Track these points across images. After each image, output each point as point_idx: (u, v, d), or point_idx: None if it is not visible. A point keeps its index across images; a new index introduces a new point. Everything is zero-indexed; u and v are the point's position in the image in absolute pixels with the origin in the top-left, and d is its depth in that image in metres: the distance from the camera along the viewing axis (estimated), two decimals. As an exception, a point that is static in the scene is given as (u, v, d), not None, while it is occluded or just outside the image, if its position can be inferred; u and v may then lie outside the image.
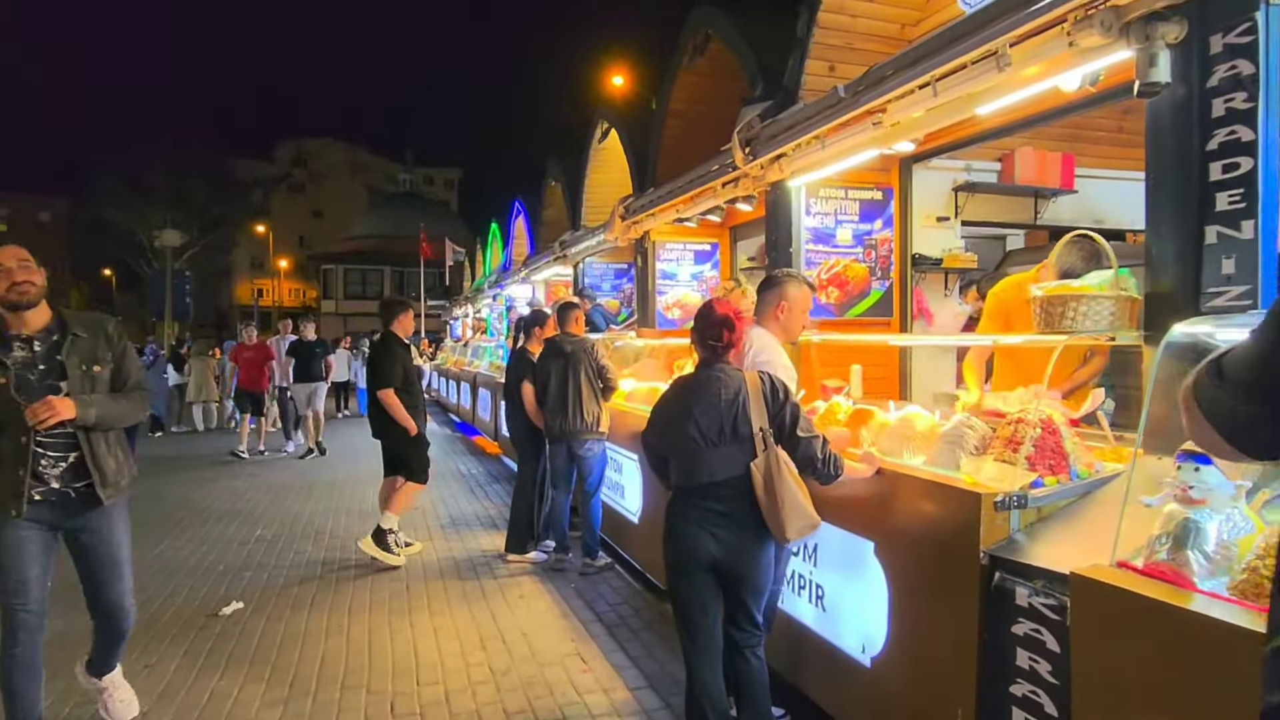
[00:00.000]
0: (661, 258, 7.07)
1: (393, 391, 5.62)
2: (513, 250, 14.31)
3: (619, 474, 5.64)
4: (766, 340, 3.18)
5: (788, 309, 3.29)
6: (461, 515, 7.19)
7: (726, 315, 2.77)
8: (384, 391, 5.62)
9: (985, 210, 5.14)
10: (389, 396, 5.62)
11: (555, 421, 5.34)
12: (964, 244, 4.89)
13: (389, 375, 5.65)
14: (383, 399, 5.62)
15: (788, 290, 3.30)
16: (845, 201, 4.72)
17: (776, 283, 3.32)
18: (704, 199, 5.55)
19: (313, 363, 10.89)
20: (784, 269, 3.40)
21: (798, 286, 3.32)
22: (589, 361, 5.31)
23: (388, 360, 5.71)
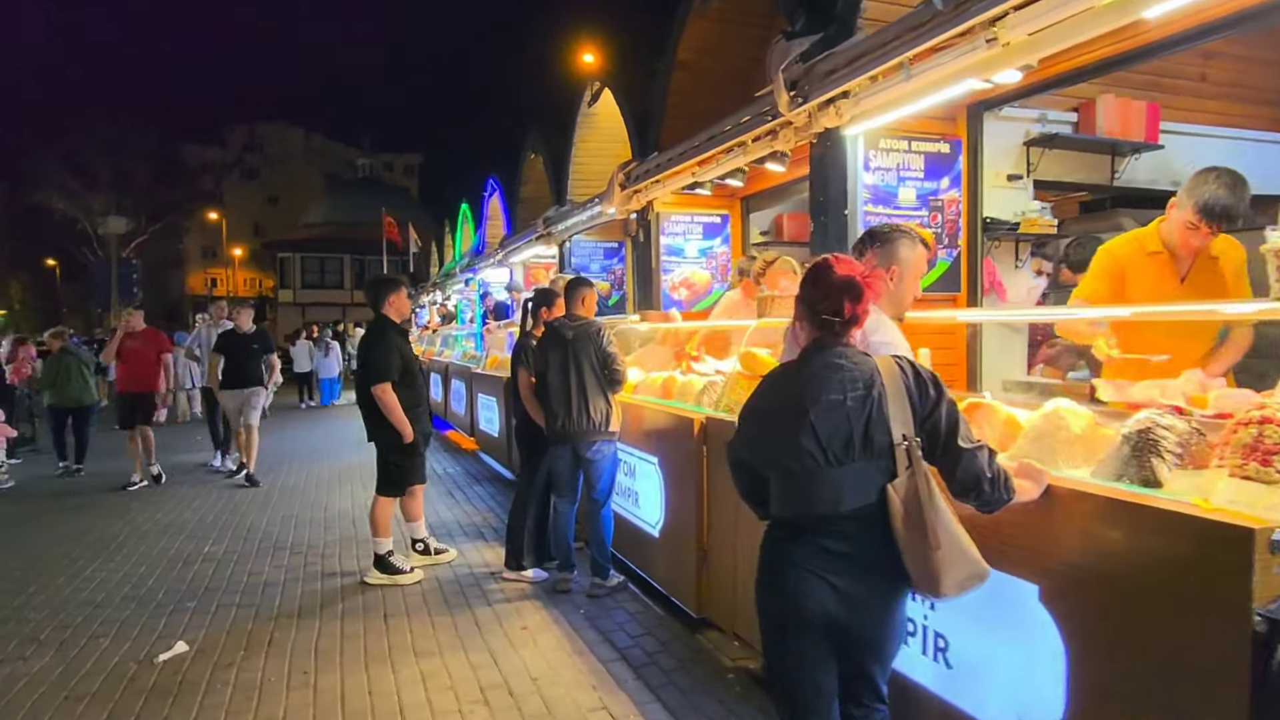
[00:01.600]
0: (666, 231, 6.29)
1: (390, 387, 4.78)
2: (486, 231, 13.39)
3: (631, 478, 4.86)
4: (877, 316, 2.41)
5: (899, 275, 2.51)
6: (442, 524, 6.35)
7: (850, 278, 1.99)
8: (380, 387, 4.79)
9: (1057, 168, 4.45)
10: (386, 393, 4.78)
11: (557, 420, 4.54)
12: (1041, 207, 4.18)
13: (384, 367, 4.82)
14: (378, 396, 4.79)
15: (899, 250, 2.52)
16: (908, 155, 3.99)
17: (884, 239, 2.53)
18: (728, 159, 4.77)
19: (248, 362, 8.21)
20: (890, 224, 2.62)
21: (911, 245, 2.55)
22: (594, 349, 4.50)
23: (381, 349, 4.86)
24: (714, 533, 3.93)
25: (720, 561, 3.87)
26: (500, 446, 8.59)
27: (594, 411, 4.49)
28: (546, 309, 4.99)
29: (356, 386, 5.03)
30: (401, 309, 5.12)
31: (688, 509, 4.08)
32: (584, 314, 4.68)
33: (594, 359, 4.50)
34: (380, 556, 4.93)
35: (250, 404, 8.19)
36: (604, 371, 4.51)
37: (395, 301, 5.05)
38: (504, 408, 8.31)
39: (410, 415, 4.89)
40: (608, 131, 8.40)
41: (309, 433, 13.09)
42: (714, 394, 4.41)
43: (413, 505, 5.27)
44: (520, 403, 4.86)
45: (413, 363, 5.07)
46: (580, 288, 4.72)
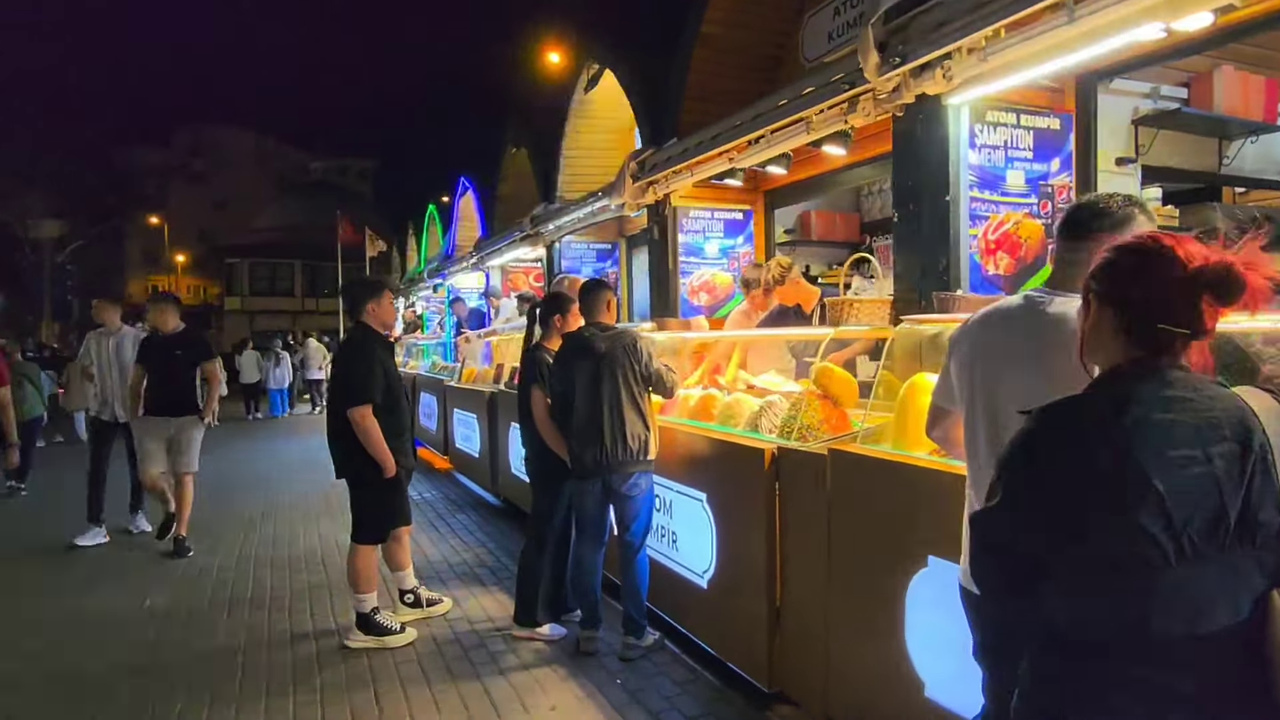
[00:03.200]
0: (685, 228, 5.57)
1: (371, 411, 3.97)
2: (457, 234, 12.52)
3: (666, 516, 4.11)
4: None
5: None
6: (428, 564, 5.51)
7: (1222, 268, 1.27)
8: (359, 410, 3.95)
9: (1160, 152, 3.85)
10: (366, 419, 3.96)
11: (586, 450, 3.77)
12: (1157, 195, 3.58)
13: (364, 386, 3.99)
14: (356, 422, 3.96)
15: (1137, 228, 1.83)
16: (1016, 131, 3.34)
17: (1115, 218, 1.83)
18: (780, 139, 4.07)
19: (175, 378, 5.81)
20: (1120, 195, 1.92)
21: (1150, 221, 1.86)
22: (632, 364, 3.76)
23: (361, 364, 4.04)
24: (791, 587, 3.20)
25: (801, 623, 3.15)
26: (482, 468, 7.77)
27: (631, 438, 3.73)
28: (560, 316, 4.22)
29: (328, 408, 4.18)
30: (385, 316, 4.29)
31: (753, 557, 3.35)
32: (609, 320, 3.94)
33: (634, 375, 3.75)
34: (364, 616, 4.09)
35: (181, 440, 5.86)
36: (651, 389, 3.79)
37: (378, 307, 4.23)
38: (486, 426, 7.51)
39: (393, 446, 4.06)
40: (605, 122, 7.67)
41: (262, 451, 12.04)
42: (773, 416, 3.69)
43: (398, 551, 4.44)
44: (534, 429, 4.07)
45: (398, 383, 4.24)
46: (602, 291, 3.97)
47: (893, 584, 2.63)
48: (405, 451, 4.21)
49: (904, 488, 2.60)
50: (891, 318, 3.54)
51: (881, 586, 2.68)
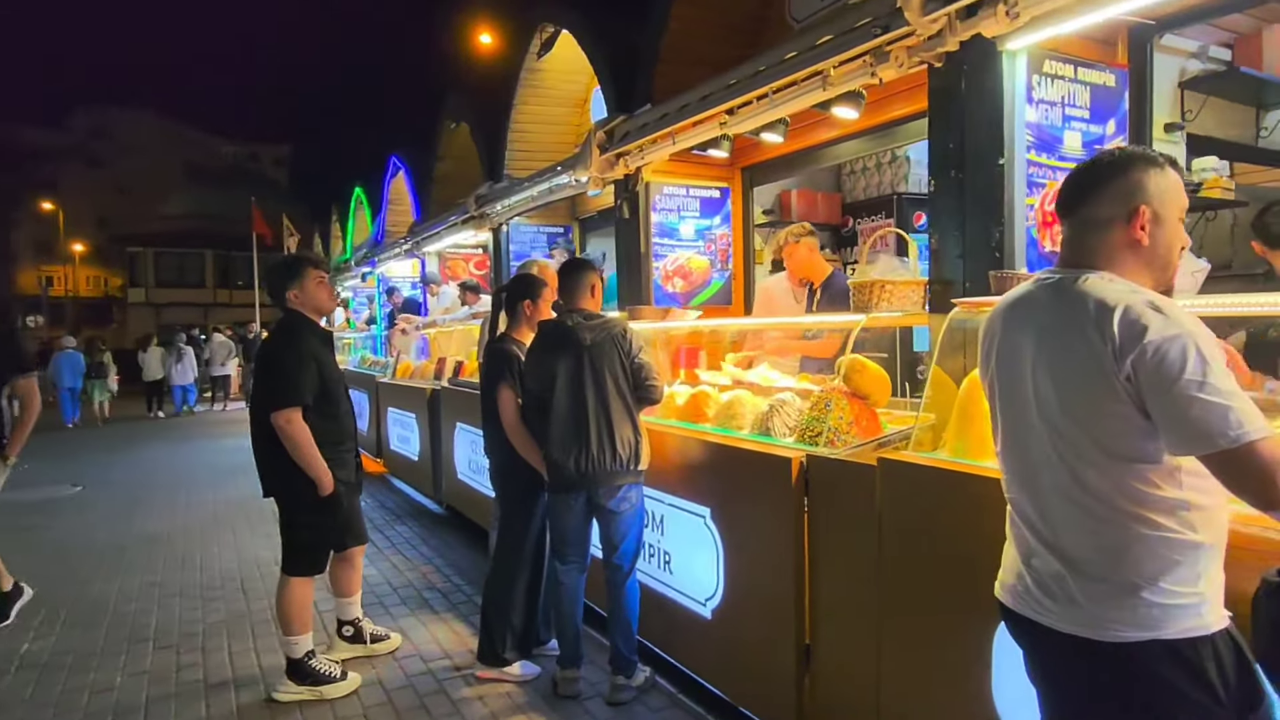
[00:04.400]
0: (658, 206, 5.01)
1: (299, 415, 3.29)
2: (386, 218, 11.64)
3: (657, 534, 3.55)
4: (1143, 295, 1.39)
5: (1151, 218, 1.47)
6: (366, 587, 4.81)
7: None
8: (284, 414, 3.27)
9: (1205, 120, 3.48)
10: (292, 424, 3.28)
11: (567, 458, 3.18)
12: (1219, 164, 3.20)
13: (291, 386, 3.32)
14: (281, 428, 3.27)
15: (1146, 180, 1.47)
16: (1074, 86, 2.89)
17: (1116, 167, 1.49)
18: (786, 98, 3.56)
19: None
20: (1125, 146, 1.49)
21: (1160, 173, 1.48)
22: (620, 357, 3.19)
23: (287, 358, 3.37)
24: (826, 623, 2.69)
25: (840, 665, 2.65)
26: (422, 473, 7.07)
27: (621, 444, 3.16)
28: (531, 303, 3.61)
29: (251, 413, 3.47)
30: (318, 300, 3.57)
31: (774, 585, 2.83)
32: (593, 307, 3.35)
33: (622, 371, 3.18)
34: (296, 662, 3.40)
35: None
36: (636, 387, 3.21)
37: (306, 290, 3.51)
38: (427, 426, 6.81)
39: (330, 456, 3.38)
40: (558, 93, 7.02)
41: (168, 452, 10.95)
42: (787, 417, 3.18)
43: (347, 574, 3.77)
44: (501, 434, 3.45)
45: (336, 381, 3.56)
46: (586, 272, 3.38)
47: (975, 626, 2.14)
48: (345, 463, 3.53)
49: (994, 509, 2.11)
50: (926, 301, 3.07)
51: (959, 628, 2.19)
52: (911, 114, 4.18)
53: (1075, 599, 1.42)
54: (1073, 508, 1.43)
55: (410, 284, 10.43)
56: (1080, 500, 1.42)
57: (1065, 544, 1.45)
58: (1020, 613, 1.55)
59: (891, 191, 5.58)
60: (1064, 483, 1.44)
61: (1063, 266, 1.55)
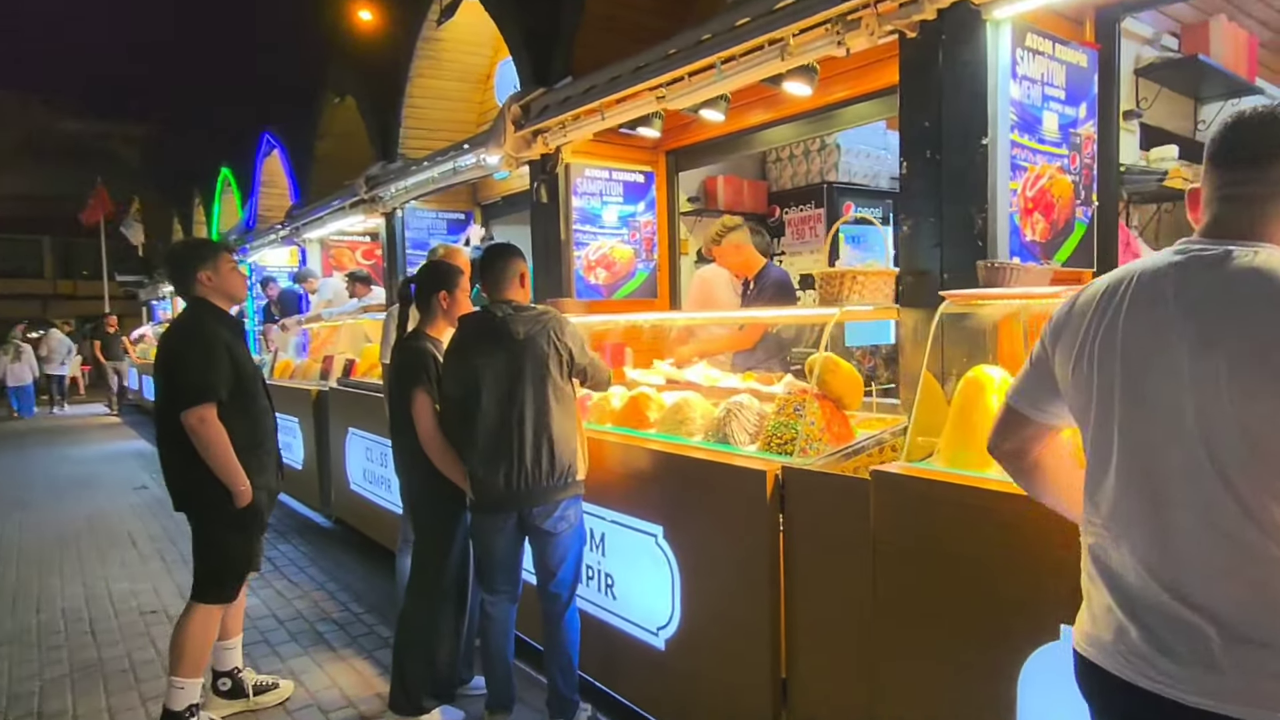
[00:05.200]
0: (580, 190, 4.59)
1: (214, 413, 2.82)
2: (259, 202, 10.63)
3: (600, 554, 3.16)
4: None
5: None
6: (248, 622, 4.18)
7: None
8: (195, 413, 2.81)
9: (1157, 110, 3.41)
10: (206, 425, 2.81)
11: (495, 472, 2.73)
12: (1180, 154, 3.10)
13: (203, 383, 2.85)
14: (193, 429, 2.81)
15: None
16: (1052, 64, 2.69)
17: None
18: (737, 70, 3.23)
19: None
20: None
21: None
22: (558, 354, 2.77)
23: (197, 351, 2.89)
24: (806, 655, 2.39)
25: (823, 703, 2.35)
26: (307, 483, 6.38)
27: (559, 455, 2.75)
28: (447, 294, 3.13)
29: (156, 415, 2.98)
30: (232, 286, 3.10)
31: (744, 612, 2.51)
32: (521, 298, 2.92)
33: (559, 371, 2.77)
34: (174, 715, 2.82)
35: None
36: (585, 380, 2.86)
37: (221, 274, 3.05)
38: (313, 432, 6.14)
39: (247, 460, 2.92)
40: (460, 66, 6.44)
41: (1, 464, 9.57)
42: (745, 421, 2.86)
43: (231, 610, 3.19)
44: (415, 446, 2.96)
45: (253, 377, 3.07)
46: (512, 259, 2.93)
47: (992, 661, 1.89)
48: (265, 467, 3.06)
49: (1013, 529, 1.85)
50: (896, 294, 2.82)
51: (974, 664, 1.93)
52: (850, 98, 3.97)
53: (1216, 664, 1.13)
54: (1230, 548, 1.13)
55: (288, 274, 9.52)
56: (1246, 538, 1.11)
57: (1208, 593, 1.15)
58: (1122, 676, 1.26)
59: (821, 180, 5.39)
60: (1224, 514, 1.13)
61: (1220, 237, 1.23)
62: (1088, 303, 1.34)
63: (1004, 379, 2.22)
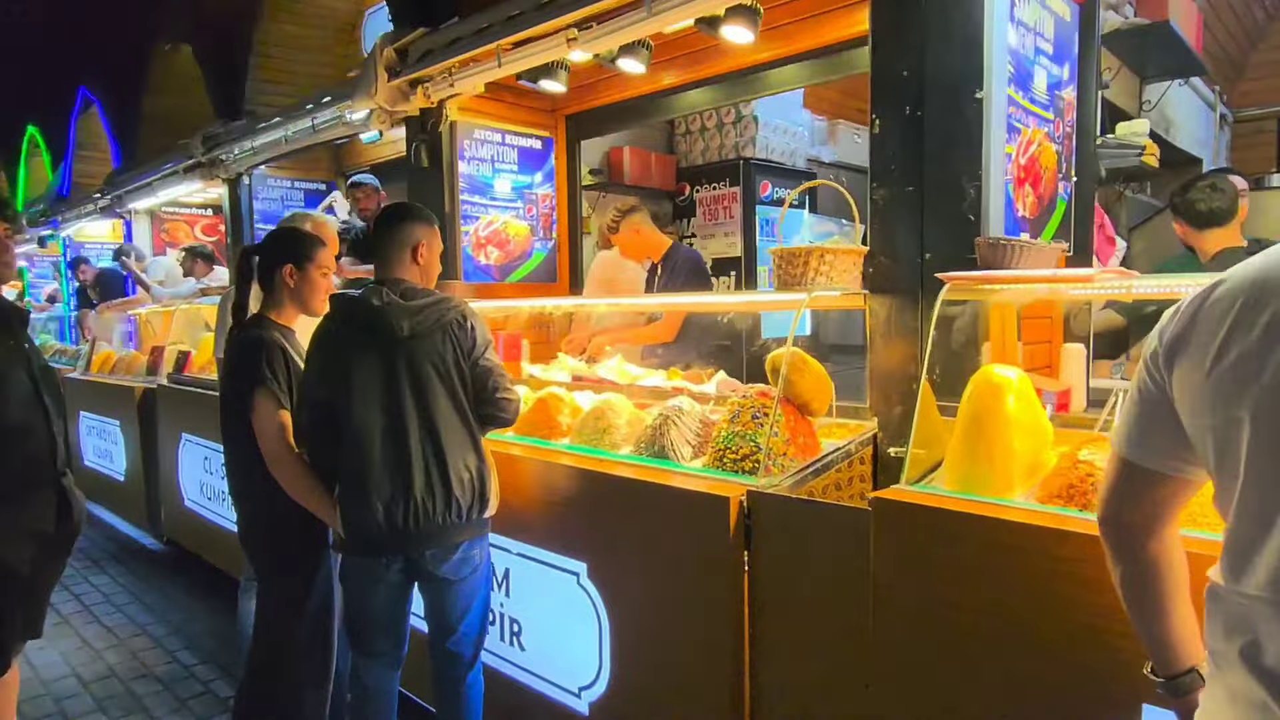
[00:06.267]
0: (468, 154, 3.91)
1: None
2: (75, 167, 9.14)
3: (503, 595, 2.56)
4: None
5: None
6: (42, 686, 3.29)
7: None
8: None
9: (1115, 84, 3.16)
10: None
11: (373, 507, 2.06)
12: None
13: None
14: None
15: None
16: (1043, 12, 2.32)
17: None
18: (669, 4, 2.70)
19: None
20: None
21: None
22: (456, 354, 2.13)
23: None
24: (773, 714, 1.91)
25: (801, 789, 1.87)
26: (131, 497, 5.40)
27: (458, 482, 2.12)
28: (295, 268, 2.41)
29: None
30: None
31: (695, 670, 2.01)
32: (416, 278, 2.25)
33: (456, 374, 2.13)
34: None
35: None
36: (478, 403, 2.17)
37: None
38: (138, 436, 5.16)
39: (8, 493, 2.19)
40: (319, 10, 5.55)
41: None
42: (687, 430, 2.35)
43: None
44: (255, 465, 2.25)
45: (18, 384, 2.22)
46: (409, 224, 2.23)
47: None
48: (33, 502, 2.22)
49: (1081, 579, 1.43)
50: (865, 277, 2.38)
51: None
52: (774, 59, 3.54)
53: None
54: None
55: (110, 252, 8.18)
56: None
57: None
58: None
59: (736, 156, 4.94)
60: None
61: None
62: (1219, 314, 0.94)
63: (1021, 379, 1.81)
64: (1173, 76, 3.45)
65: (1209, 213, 2.66)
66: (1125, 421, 1.09)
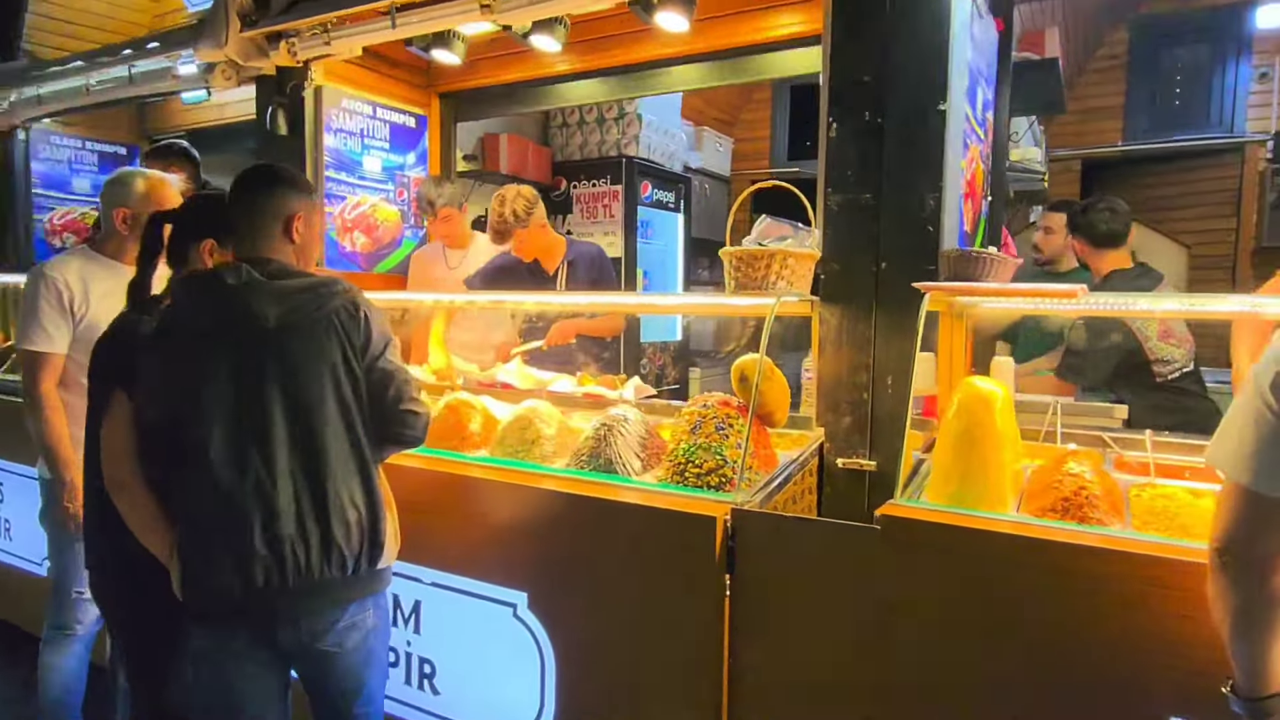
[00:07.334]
0: (334, 125, 3.45)
1: None
2: None
3: (410, 631, 2.22)
4: None
5: None
6: None
7: None
8: None
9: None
10: None
11: (221, 559, 1.61)
12: (1041, 156, 3.00)
13: None
14: None
15: None
16: (983, 23, 2.36)
17: None
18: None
19: None
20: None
21: None
22: (347, 354, 1.69)
23: None
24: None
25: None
26: None
27: (340, 525, 1.66)
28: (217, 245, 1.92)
29: None
30: None
31: (666, 697, 1.82)
32: (296, 260, 1.84)
33: (346, 381, 1.69)
34: None
35: None
36: (378, 420, 1.74)
37: None
38: None
39: None
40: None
41: None
42: (632, 441, 2.17)
43: None
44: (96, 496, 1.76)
45: None
46: (280, 191, 1.77)
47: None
48: None
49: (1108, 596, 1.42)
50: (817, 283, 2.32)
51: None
52: (677, 56, 3.47)
53: None
54: None
55: None
56: None
57: None
58: None
59: (618, 154, 4.76)
60: None
61: None
62: None
63: (1005, 391, 1.81)
64: (1039, 112, 3.77)
65: (1109, 234, 2.87)
66: (1245, 452, 1.05)
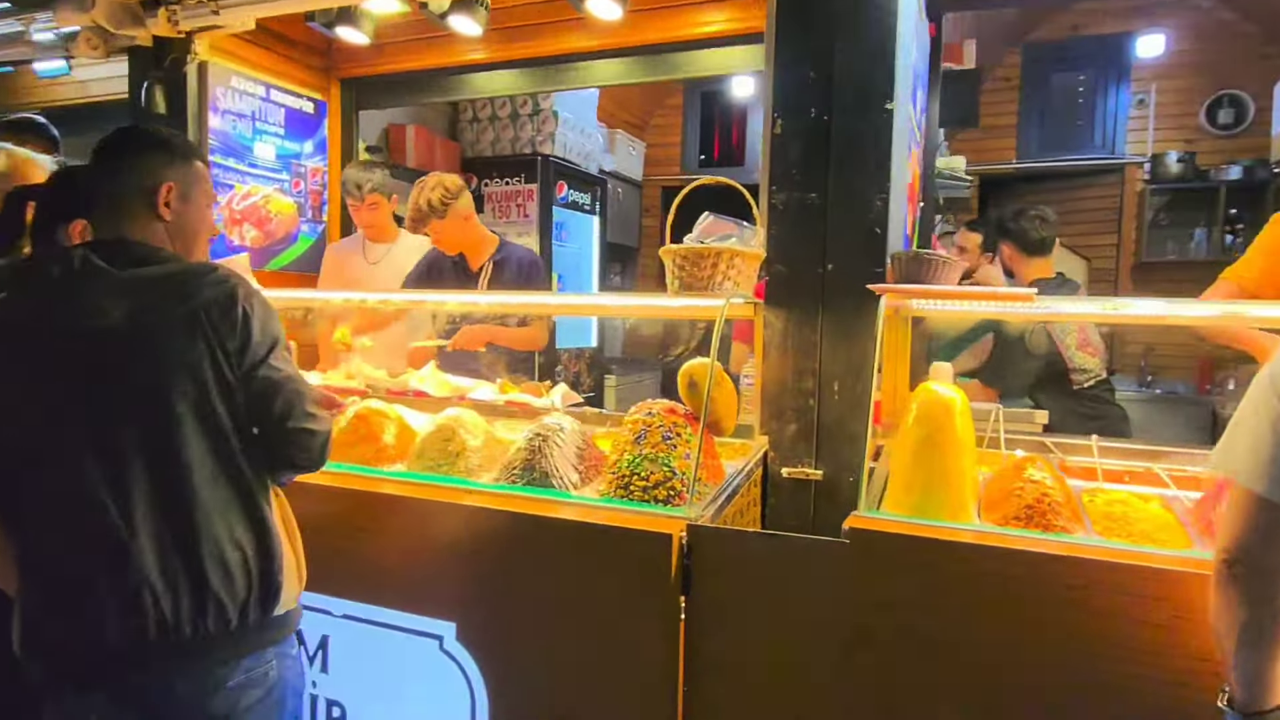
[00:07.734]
0: (221, 106, 3.11)
1: None
2: None
3: (317, 669, 1.97)
4: None
5: None
6: None
7: None
8: None
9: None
10: None
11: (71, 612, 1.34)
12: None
13: None
14: None
15: None
16: (921, 31, 2.34)
17: None
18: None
19: None
20: None
21: None
22: (216, 357, 1.37)
23: None
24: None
25: None
26: None
27: (217, 569, 1.37)
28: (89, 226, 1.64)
29: None
30: None
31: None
32: (171, 242, 1.54)
33: (216, 394, 1.38)
34: None
35: None
36: (268, 439, 1.45)
37: None
38: None
39: None
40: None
41: None
42: (569, 452, 2.01)
43: None
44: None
45: None
46: (148, 156, 1.46)
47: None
48: None
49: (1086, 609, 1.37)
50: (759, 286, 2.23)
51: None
52: (598, 49, 3.36)
53: None
54: None
55: None
56: None
57: None
58: None
59: (533, 151, 4.56)
60: None
61: None
62: None
63: (963, 397, 1.76)
64: (956, 124, 3.84)
65: (1039, 241, 2.91)
66: (1259, 459, 1.01)
